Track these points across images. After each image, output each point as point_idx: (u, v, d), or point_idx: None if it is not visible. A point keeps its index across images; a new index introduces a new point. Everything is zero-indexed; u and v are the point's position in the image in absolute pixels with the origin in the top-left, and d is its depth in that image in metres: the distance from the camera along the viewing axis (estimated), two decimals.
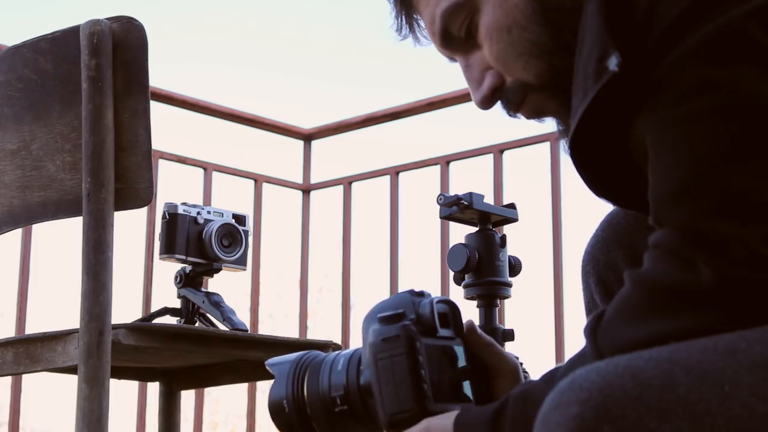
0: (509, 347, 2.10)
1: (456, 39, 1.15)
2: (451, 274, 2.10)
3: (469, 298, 2.04)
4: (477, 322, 2.04)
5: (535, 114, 1.16)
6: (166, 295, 2.17)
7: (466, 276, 2.02)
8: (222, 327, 1.97)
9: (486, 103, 1.16)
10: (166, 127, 3.13)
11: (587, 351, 0.96)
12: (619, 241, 1.34)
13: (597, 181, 1.11)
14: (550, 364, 3.00)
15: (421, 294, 1.14)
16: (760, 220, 0.87)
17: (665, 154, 0.93)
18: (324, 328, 9.19)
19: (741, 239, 0.87)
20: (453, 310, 1.17)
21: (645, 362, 0.83)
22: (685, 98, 0.92)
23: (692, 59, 0.92)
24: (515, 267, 2.06)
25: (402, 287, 3.27)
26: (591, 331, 0.95)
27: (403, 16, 1.21)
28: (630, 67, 0.95)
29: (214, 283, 2.26)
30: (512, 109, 1.16)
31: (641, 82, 0.96)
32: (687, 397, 0.80)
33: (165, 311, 2.05)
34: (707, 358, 0.83)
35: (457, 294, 2.29)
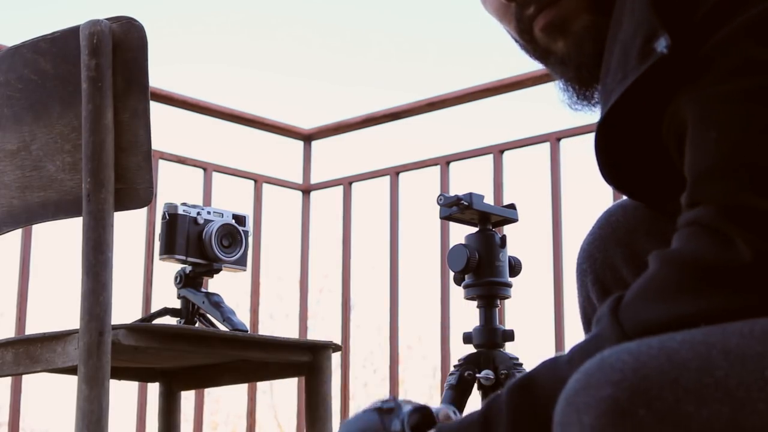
0: (509, 347, 2.10)
1: None
2: (451, 274, 2.10)
3: (469, 298, 2.04)
4: (477, 323, 2.04)
5: (557, 23, 1.09)
6: (166, 295, 2.17)
7: (466, 276, 2.02)
8: (222, 327, 1.97)
9: None
10: (166, 127, 3.13)
11: (604, 332, 0.91)
12: (617, 240, 1.32)
13: (612, 167, 1.08)
14: None
15: (390, 410, 1.04)
16: None
17: (709, 129, 0.91)
18: (324, 328, 9.19)
19: None
20: (427, 418, 1.07)
21: (679, 344, 0.80)
22: (733, 76, 0.90)
23: (741, 38, 0.91)
24: (515, 267, 2.06)
25: (402, 287, 3.27)
26: (612, 311, 0.91)
27: None
28: (676, 49, 0.93)
29: (214, 284, 2.26)
30: (538, 6, 1.09)
31: (684, 61, 0.93)
32: (726, 381, 0.78)
33: (165, 312, 2.05)
34: (745, 342, 0.80)
35: (457, 294, 2.28)
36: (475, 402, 2.03)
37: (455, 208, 1.99)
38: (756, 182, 0.87)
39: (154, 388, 2.20)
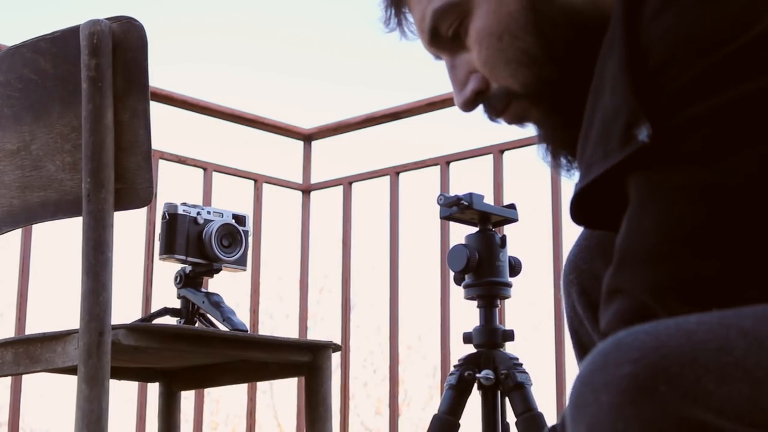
0: (509, 347, 2.10)
1: (444, 39, 1.16)
2: (452, 274, 2.10)
3: (469, 298, 2.04)
4: (477, 323, 2.04)
5: (517, 120, 1.17)
6: (166, 295, 2.18)
7: (466, 276, 2.02)
8: (222, 327, 1.97)
9: (468, 106, 1.17)
10: (166, 127, 3.13)
11: None
12: (602, 250, 1.33)
13: (590, 224, 1.10)
14: (550, 364, 3.00)
15: None
16: (702, 305, 0.87)
17: (644, 216, 0.92)
18: (324, 328, 9.19)
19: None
20: None
21: (696, 325, 0.81)
22: (682, 166, 0.91)
23: (699, 127, 0.91)
24: (515, 267, 2.06)
25: (402, 287, 3.27)
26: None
27: (393, 9, 1.21)
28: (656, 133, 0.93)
29: (214, 284, 2.26)
30: (494, 114, 1.17)
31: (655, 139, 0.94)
32: (745, 360, 0.78)
33: (165, 311, 2.05)
34: (760, 324, 0.81)
35: (457, 294, 2.28)
36: (475, 402, 2.03)
37: (455, 208, 1.99)
38: (671, 282, 0.88)
39: (154, 388, 2.20)
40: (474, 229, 2.03)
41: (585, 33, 1.07)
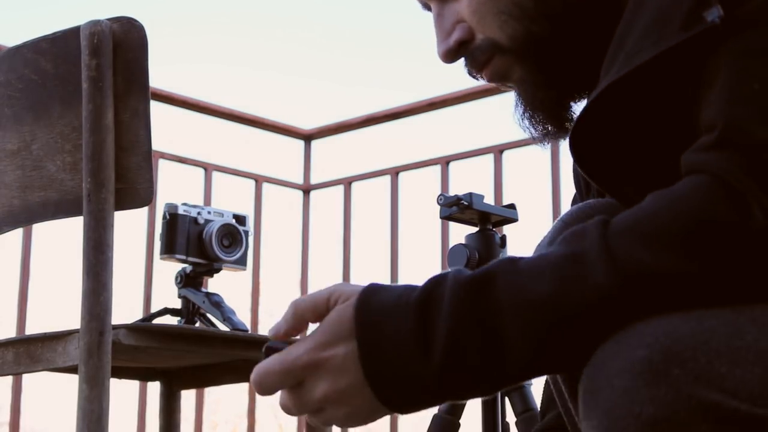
0: None
1: None
2: None
3: None
4: None
5: (498, 77, 1.14)
6: (167, 295, 2.18)
7: None
8: (222, 327, 1.97)
9: (449, 56, 1.14)
10: (166, 127, 3.13)
11: (589, 255, 0.84)
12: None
13: (590, 156, 1.02)
14: None
15: None
16: None
17: (751, 81, 0.86)
18: None
19: None
20: None
21: (709, 313, 0.81)
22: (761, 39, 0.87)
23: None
24: None
25: None
26: (602, 235, 0.84)
27: None
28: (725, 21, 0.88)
29: (215, 283, 2.26)
30: (476, 68, 1.14)
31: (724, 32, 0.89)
32: (757, 344, 0.79)
33: (165, 311, 2.05)
34: None
35: None
36: (475, 402, 2.03)
37: (455, 208, 1.99)
38: None
39: (154, 388, 2.20)
40: (474, 229, 2.03)
41: None
